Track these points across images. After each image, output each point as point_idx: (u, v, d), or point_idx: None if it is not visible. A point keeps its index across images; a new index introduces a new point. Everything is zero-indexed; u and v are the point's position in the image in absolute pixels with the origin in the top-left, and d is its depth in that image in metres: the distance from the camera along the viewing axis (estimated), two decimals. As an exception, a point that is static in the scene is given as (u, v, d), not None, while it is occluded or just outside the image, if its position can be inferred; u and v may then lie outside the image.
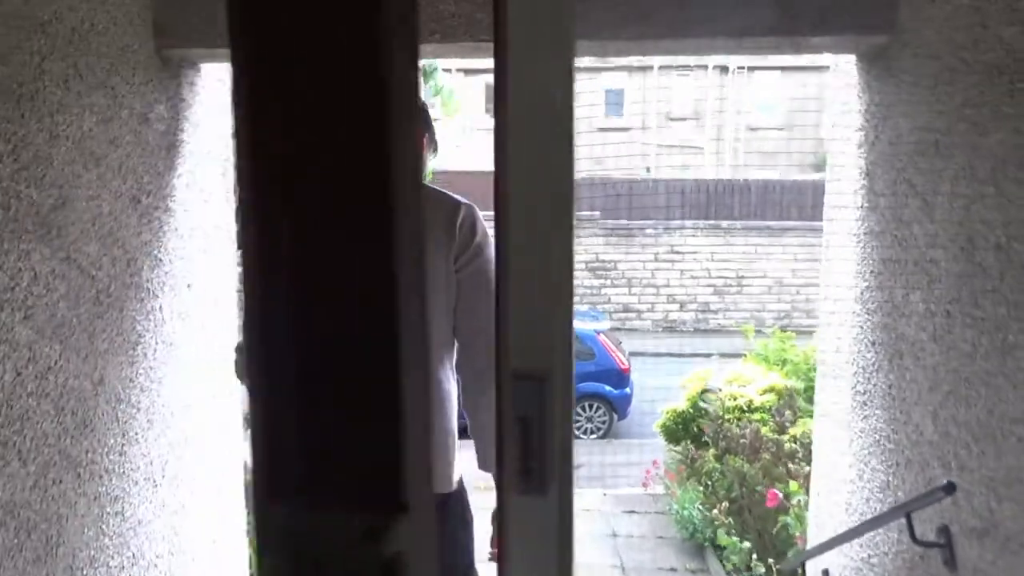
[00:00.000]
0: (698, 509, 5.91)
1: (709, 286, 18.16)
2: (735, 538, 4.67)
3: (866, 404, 2.39)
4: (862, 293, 2.42)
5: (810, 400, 6.64)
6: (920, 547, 1.90)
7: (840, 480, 2.61)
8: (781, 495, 4.00)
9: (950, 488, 1.70)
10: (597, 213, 17.99)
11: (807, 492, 4.08)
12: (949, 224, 1.89)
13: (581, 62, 29.25)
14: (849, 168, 2.56)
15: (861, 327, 2.43)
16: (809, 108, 29.51)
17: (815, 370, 6.86)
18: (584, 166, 28.03)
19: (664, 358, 15.09)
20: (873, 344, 2.33)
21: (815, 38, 2.24)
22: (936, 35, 1.94)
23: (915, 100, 2.08)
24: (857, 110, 2.47)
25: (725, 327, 18.27)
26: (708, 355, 15.94)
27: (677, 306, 18.22)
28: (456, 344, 1.75)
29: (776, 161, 29.27)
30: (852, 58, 2.50)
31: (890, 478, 2.21)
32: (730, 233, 18.05)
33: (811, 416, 6.28)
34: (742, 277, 18.13)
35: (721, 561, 5.60)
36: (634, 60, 29.24)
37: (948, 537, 1.87)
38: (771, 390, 6.31)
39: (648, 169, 28.77)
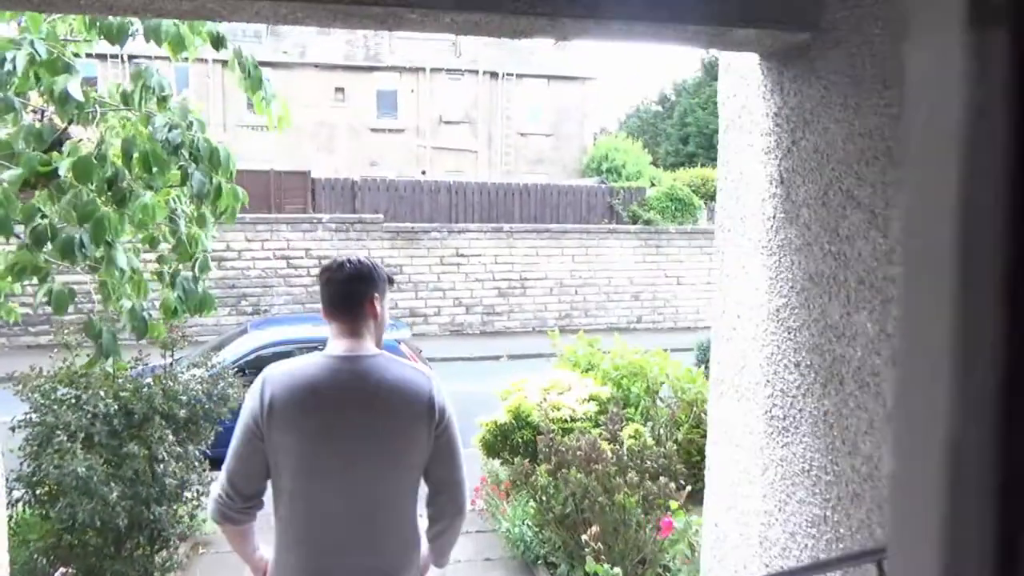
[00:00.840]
0: (528, 526, 5.69)
1: (494, 288, 18.35)
2: (605, 565, 4.44)
3: (787, 430, 2.22)
4: (778, 310, 2.24)
5: (626, 406, 6.71)
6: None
7: (750, 512, 2.43)
8: (675, 523, 3.81)
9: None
10: (380, 216, 17.43)
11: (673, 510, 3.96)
12: (913, 239, 1.72)
13: (353, 60, 28.43)
14: (753, 176, 2.38)
15: (778, 347, 2.25)
16: (573, 116, 31.22)
17: (630, 376, 6.96)
18: (359, 167, 27.22)
19: (455, 362, 14.96)
20: (797, 366, 2.16)
21: (740, 30, 2.01)
22: (887, 33, 1.78)
23: (853, 104, 1.91)
24: (764, 113, 2.30)
25: (511, 329, 18.58)
26: (497, 357, 16.13)
27: (463, 309, 18.20)
28: (428, 488, 2.23)
29: (544, 167, 30.59)
30: (754, 58, 2.32)
31: (828, 512, 2.04)
32: (512, 236, 18.38)
33: (634, 422, 6.33)
34: (525, 279, 18.55)
35: (555, 579, 5.41)
36: (406, 62, 28.94)
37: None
38: (594, 399, 6.27)
39: (424, 172, 28.67)
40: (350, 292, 2.19)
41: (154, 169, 3.63)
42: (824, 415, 2.05)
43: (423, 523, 2.29)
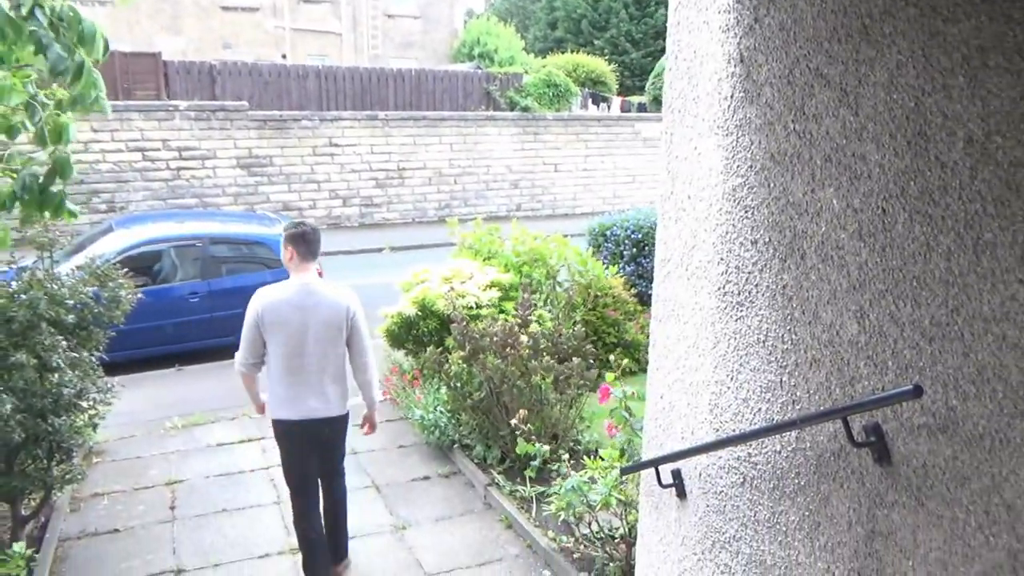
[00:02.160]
0: (441, 412, 5.80)
1: (371, 179, 17.83)
2: (532, 443, 4.59)
3: (741, 305, 2.32)
4: (735, 190, 2.30)
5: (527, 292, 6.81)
6: (855, 447, 1.89)
7: (699, 383, 2.57)
8: (613, 390, 3.97)
9: (918, 391, 1.67)
10: (245, 103, 16.27)
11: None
12: (887, 117, 1.79)
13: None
14: (708, 55, 2.37)
15: (733, 225, 2.32)
16: (443, -3, 29.86)
17: (531, 263, 7.04)
18: (210, 50, 25.03)
19: (336, 256, 14.59)
20: (754, 243, 2.24)
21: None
22: (871, -96, 1.77)
23: (827, -21, 1.91)
24: (723, -11, 2.26)
25: (390, 220, 18.25)
26: (379, 250, 15.87)
27: (340, 201, 17.62)
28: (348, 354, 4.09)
29: (414, 51, 29.38)
30: (714, -71, 2.26)
31: (784, 378, 2.18)
32: (388, 124, 17.75)
33: (537, 307, 6.46)
34: (403, 169, 18.10)
35: (472, 459, 5.60)
36: (258, -69, 26.34)
37: (880, 434, 1.88)
38: (496, 285, 6.32)
39: (284, 56, 26.78)
40: (316, 247, 4.00)
41: (4, 38, 3.15)
42: (783, 288, 2.16)
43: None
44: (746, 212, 2.27)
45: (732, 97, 2.28)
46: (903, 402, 1.77)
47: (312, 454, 4.06)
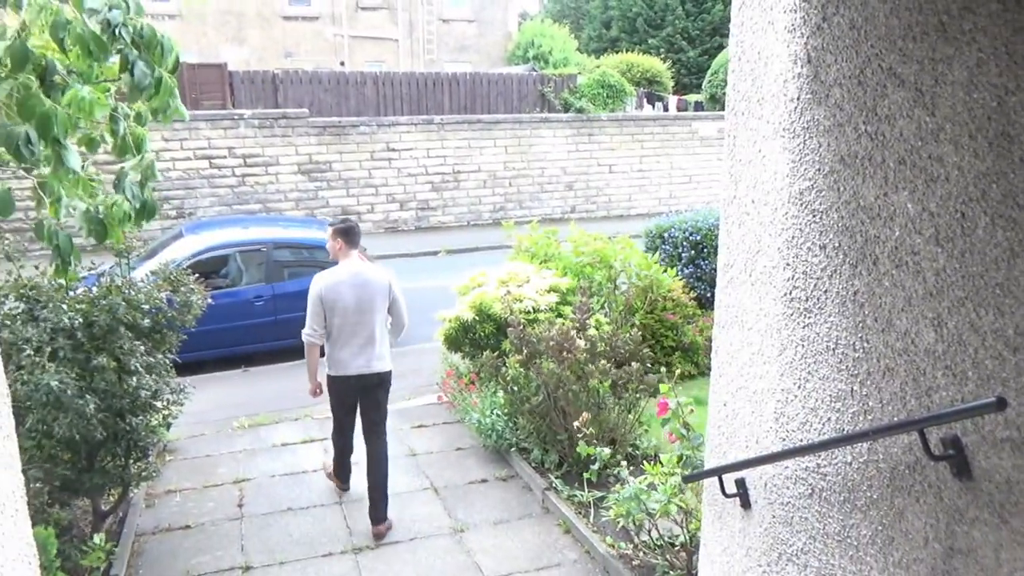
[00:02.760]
0: (498, 416, 5.82)
1: (427, 183, 18.00)
2: (592, 446, 4.58)
3: (809, 311, 2.27)
4: (802, 193, 2.25)
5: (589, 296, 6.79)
6: (933, 460, 1.82)
7: (764, 391, 2.52)
8: (670, 402, 3.92)
9: (1001, 404, 1.60)
10: (305, 111, 16.63)
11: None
12: (966, 117, 1.72)
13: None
14: (773, 56, 2.32)
15: (800, 230, 2.27)
16: (497, 1, 30.00)
17: (592, 266, 7.01)
18: (272, 59, 25.67)
19: (393, 259, 14.78)
20: (823, 248, 2.19)
21: None
22: (948, -102, 1.71)
23: (900, -24, 1.85)
24: (789, -11, 2.22)
25: (445, 224, 18.40)
26: (435, 253, 16.03)
27: (397, 205, 17.85)
28: (390, 318, 5.02)
29: (468, 55, 29.57)
30: (780, -72, 2.22)
31: (855, 387, 2.13)
32: (443, 128, 17.90)
33: (595, 311, 6.43)
34: (458, 172, 18.24)
35: (529, 463, 5.60)
36: (316, -59, 26.90)
37: (959, 447, 1.81)
38: (554, 290, 6.31)
39: (342, 63, 27.28)
40: (358, 238, 5.13)
41: (92, 56, 3.29)
42: (854, 295, 2.10)
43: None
44: (814, 216, 2.22)
45: (799, 99, 2.23)
46: (985, 415, 1.70)
47: (357, 405, 5.09)
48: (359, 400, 5.01)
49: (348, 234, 4.97)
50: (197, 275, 5.21)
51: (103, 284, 4.31)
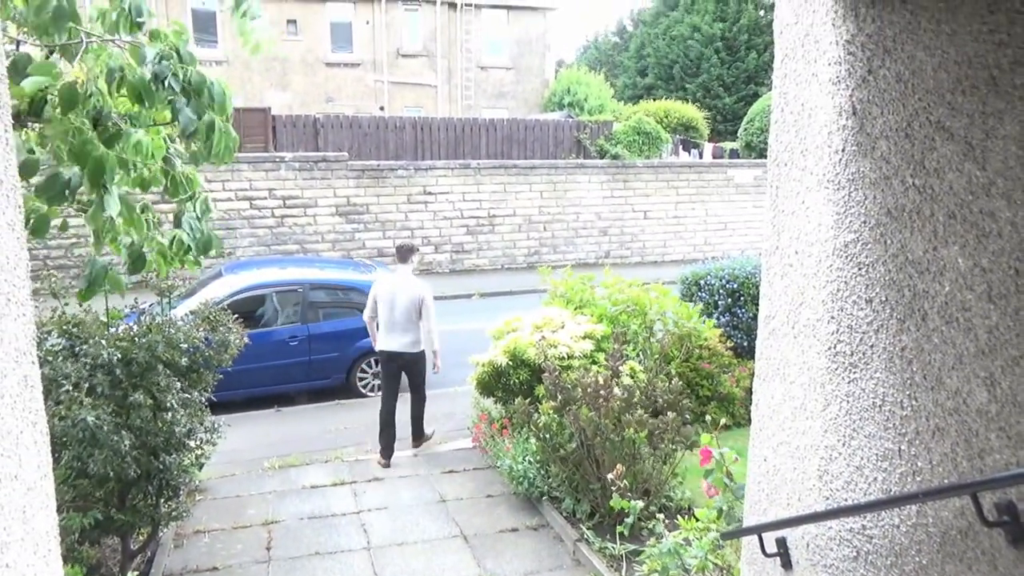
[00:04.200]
0: (530, 463, 5.74)
1: (462, 227, 18.18)
2: (627, 499, 4.48)
3: (855, 366, 2.21)
4: (847, 246, 2.21)
5: (624, 343, 6.72)
6: (986, 526, 1.74)
7: (807, 447, 2.44)
8: (713, 452, 3.82)
9: (1063, 469, 1.53)
10: (345, 154, 16.97)
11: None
12: (1019, 172, 1.68)
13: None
14: (817, 107, 2.31)
15: (845, 283, 2.22)
16: (534, 48, 30.57)
17: (628, 313, 6.95)
18: (314, 104, 26.35)
19: (427, 302, 14.83)
20: (869, 302, 2.14)
21: (828, -48, 1.90)
22: (997, -47, 1.70)
23: (947, 30, 1.84)
24: (832, 41, 2.21)
25: (480, 267, 18.50)
26: (469, 295, 16.07)
27: (432, 248, 18.02)
28: (420, 318, 6.89)
29: (506, 101, 30.04)
30: (822, -18, 2.22)
31: (903, 447, 2.05)
32: (480, 172, 18.13)
33: (630, 359, 6.36)
34: (493, 216, 18.39)
35: (561, 512, 5.50)
36: (360, -9, 27.77)
37: (1015, 514, 1.72)
38: (589, 336, 6.26)
39: (382, 108, 27.90)
40: (405, 255, 7.04)
41: (144, 103, 3.41)
42: (901, 351, 2.04)
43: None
44: (860, 269, 2.17)
45: (844, 150, 2.20)
46: (1045, 481, 1.62)
47: (396, 374, 7.02)
48: (401, 371, 7.01)
49: (399, 252, 7.07)
50: (235, 315, 5.28)
51: (143, 322, 4.38)
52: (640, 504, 4.54)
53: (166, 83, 3.38)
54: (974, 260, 1.82)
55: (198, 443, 4.73)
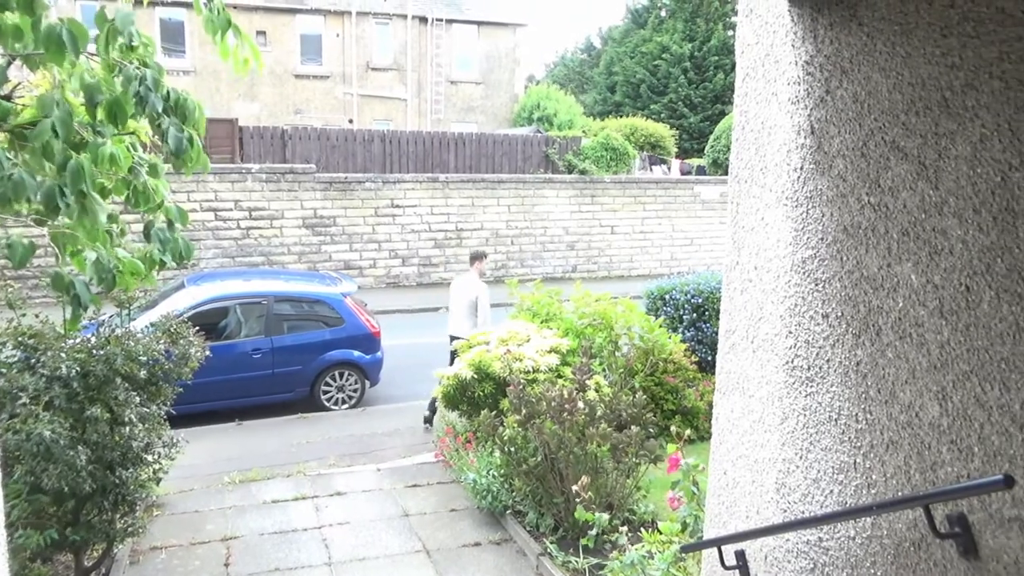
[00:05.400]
0: (494, 477, 5.71)
1: (430, 240, 18.13)
2: (591, 511, 4.47)
3: (812, 380, 2.25)
4: (804, 262, 2.25)
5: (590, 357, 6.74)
6: (938, 537, 1.77)
7: (765, 460, 2.47)
8: (681, 461, 3.83)
9: (1009, 482, 1.56)
10: (313, 166, 16.86)
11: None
12: (970, 191, 1.73)
13: (274, 2, 27.04)
14: (776, 126, 2.35)
15: (803, 298, 2.26)
16: (504, 64, 30.75)
17: (594, 327, 6.98)
18: (282, 115, 26.16)
19: (394, 314, 14.77)
20: (825, 317, 2.18)
21: (786, -25, 1.95)
22: (947, -20, 1.75)
23: (902, 53, 1.89)
24: (792, 62, 2.26)
25: (447, 280, 18.43)
26: (436, 308, 16.01)
27: (399, 261, 17.93)
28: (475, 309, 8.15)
29: (475, 115, 30.14)
30: (782, 3, 2.27)
31: (858, 459, 2.09)
32: (448, 186, 18.12)
33: (596, 373, 6.38)
34: (461, 230, 18.38)
35: (524, 527, 5.48)
36: (330, 4, 27.74)
37: (966, 525, 1.76)
38: (555, 351, 6.27)
39: (351, 120, 27.79)
40: (472, 260, 8.66)
41: (116, 122, 3.35)
42: (857, 365, 2.08)
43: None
44: (816, 285, 2.21)
45: (802, 168, 2.25)
46: (992, 492, 1.66)
47: (455, 352, 7.71)
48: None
49: (470, 257, 8.66)
50: (197, 327, 5.19)
51: (102, 334, 4.29)
52: (605, 516, 4.54)
53: (150, 102, 3.33)
54: (927, 277, 1.86)
55: (156, 457, 4.63)
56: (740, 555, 2.64)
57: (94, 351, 4.07)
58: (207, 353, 4.89)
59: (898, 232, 1.94)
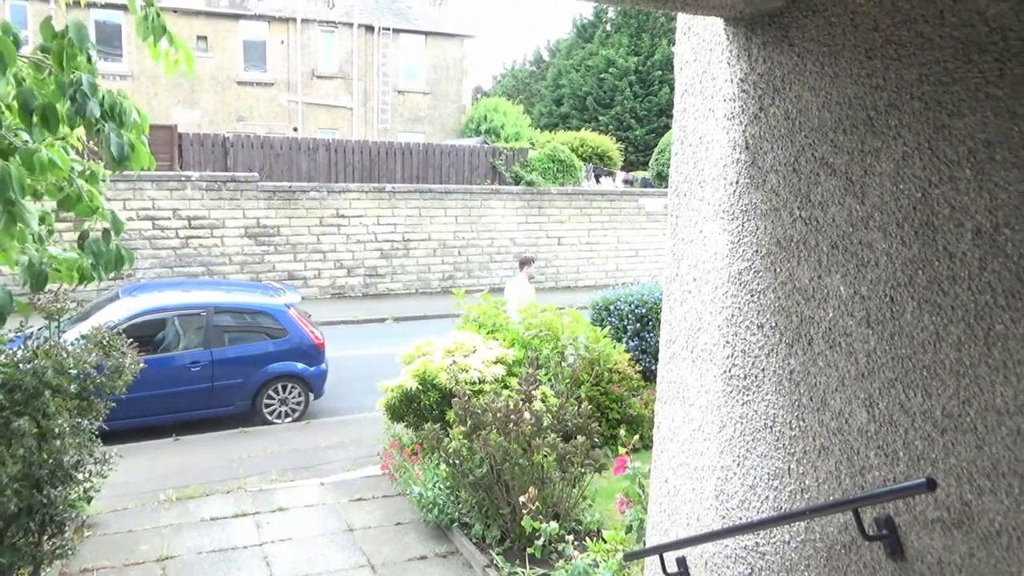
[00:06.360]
0: (439, 489, 5.68)
1: (376, 250, 17.99)
2: (538, 521, 4.47)
3: (748, 389, 2.30)
4: (740, 274, 2.31)
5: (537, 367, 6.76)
6: (867, 540, 1.83)
7: (705, 467, 2.52)
8: (629, 462, 3.86)
9: (931, 485, 1.63)
10: (255, 175, 16.57)
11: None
12: (893, 207, 1.81)
13: (216, 6, 26.57)
14: (713, 141, 2.42)
15: (740, 309, 2.32)
16: (451, 74, 30.79)
17: (540, 338, 7.01)
18: (224, 123, 25.65)
19: (339, 326, 14.58)
20: (760, 327, 2.24)
21: (720, -5, 2.01)
22: (872, 4, 1.83)
23: (830, 73, 1.97)
24: (727, 79, 2.33)
25: (394, 291, 18.32)
26: (382, 320, 15.87)
27: (344, 271, 17.74)
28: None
29: (423, 125, 30.08)
30: (718, 22, 2.34)
31: (792, 465, 2.14)
32: (394, 196, 18.02)
33: (543, 384, 6.40)
34: (408, 240, 18.28)
35: (470, 539, 5.46)
36: (275, 11, 27.38)
37: (893, 527, 1.83)
38: (500, 361, 6.28)
39: (295, 129, 27.42)
40: (523, 263, 10.11)
41: (48, 128, 3.24)
42: (790, 374, 2.14)
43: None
44: (752, 296, 2.27)
45: (738, 183, 2.31)
46: (916, 495, 1.73)
47: None
48: None
49: (519, 262, 9.74)
50: (132, 339, 5.04)
51: (29, 347, 4.13)
52: (555, 525, 4.56)
53: (87, 108, 3.22)
54: (854, 288, 1.93)
55: (87, 475, 4.46)
56: (681, 562, 2.68)
57: (21, 364, 3.91)
58: (142, 366, 4.75)
59: (828, 245, 2.01)
